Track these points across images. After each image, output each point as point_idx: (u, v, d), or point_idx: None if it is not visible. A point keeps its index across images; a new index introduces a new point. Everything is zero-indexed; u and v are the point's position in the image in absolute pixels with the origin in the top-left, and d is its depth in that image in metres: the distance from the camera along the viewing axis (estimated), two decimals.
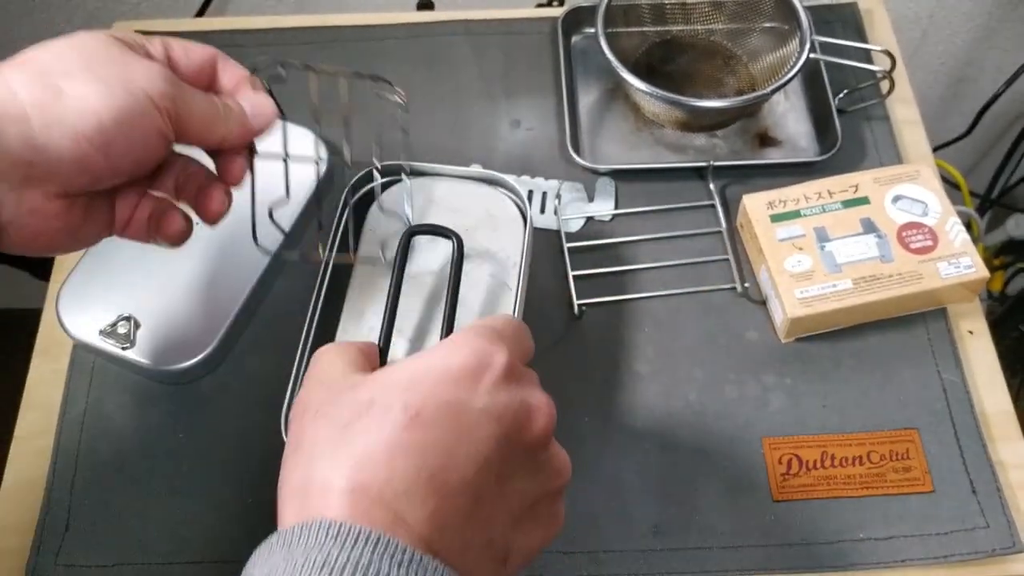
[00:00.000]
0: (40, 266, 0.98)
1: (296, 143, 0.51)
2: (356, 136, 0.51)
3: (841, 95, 0.68)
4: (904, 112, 0.69)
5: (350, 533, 0.30)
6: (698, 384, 0.58)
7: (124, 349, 0.55)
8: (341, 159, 0.53)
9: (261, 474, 0.55)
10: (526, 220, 0.55)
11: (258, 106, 0.46)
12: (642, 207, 0.65)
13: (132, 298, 0.57)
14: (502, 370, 0.35)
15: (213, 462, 0.55)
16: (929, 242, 0.58)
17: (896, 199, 0.60)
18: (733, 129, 0.69)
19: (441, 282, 0.52)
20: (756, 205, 0.61)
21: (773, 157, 0.67)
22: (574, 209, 0.65)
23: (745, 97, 0.64)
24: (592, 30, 0.67)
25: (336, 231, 0.55)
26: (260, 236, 0.50)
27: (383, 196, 0.55)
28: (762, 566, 0.52)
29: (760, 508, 0.54)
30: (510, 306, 0.52)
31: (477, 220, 0.55)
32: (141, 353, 0.56)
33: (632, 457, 0.55)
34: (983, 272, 0.58)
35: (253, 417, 0.57)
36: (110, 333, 0.56)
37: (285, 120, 0.48)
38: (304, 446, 0.34)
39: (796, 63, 0.64)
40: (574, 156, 0.66)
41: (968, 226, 1.00)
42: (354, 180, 0.56)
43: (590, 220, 0.64)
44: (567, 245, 0.62)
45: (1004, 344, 1.17)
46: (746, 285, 0.61)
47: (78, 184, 0.39)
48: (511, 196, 0.56)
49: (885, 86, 0.67)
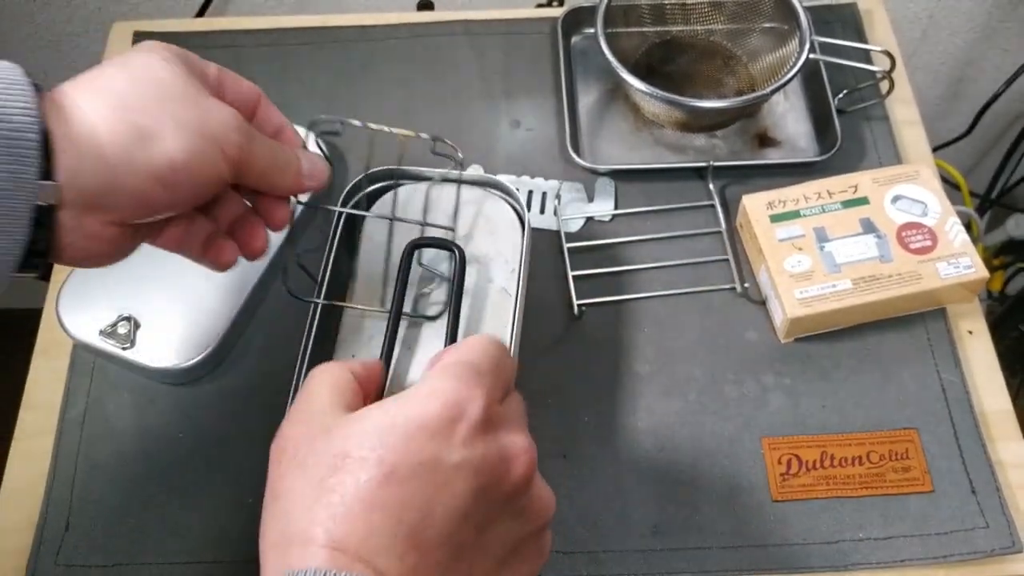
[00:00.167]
0: None
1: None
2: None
3: (841, 95, 0.68)
4: (904, 112, 0.69)
5: None
6: (698, 384, 0.58)
7: (124, 349, 0.55)
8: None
9: (261, 474, 0.54)
10: (524, 224, 0.55)
11: (315, 166, 0.46)
12: (642, 207, 0.65)
13: (132, 298, 0.57)
14: (477, 418, 0.35)
15: (213, 462, 0.55)
16: (928, 242, 0.58)
17: (896, 199, 0.60)
18: (733, 129, 0.69)
19: (442, 286, 0.52)
20: (756, 205, 0.61)
21: (773, 157, 0.67)
22: (574, 209, 0.65)
23: (745, 97, 0.64)
24: (592, 30, 0.67)
25: (333, 240, 0.55)
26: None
27: (425, 258, 0.54)
28: (762, 566, 0.52)
29: (760, 508, 0.54)
30: (509, 311, 0.52)
31: (475, 224, 0.55)
32: (141, 353, 0.56)
33: (632, 457, 0.55)
34: (983, 272, 0.58)
35: (253, 417, 0.57)
36: (110, 333, 0.56)
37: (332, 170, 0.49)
38: (281, 498, 0.34)
39: (796, 63, 0.64)
40: (574, 156, 0.66)
41: (968, 226, 1.01)
42: (348, 187, 0.56)
43: (590, 220, 0.64)
44: (567, 245, 0.62)
45: (1004, 344, 1.17)
46: (746, 285, 0.61)
47: (137, 215, 0.40)
48: (508, 200, 0.56)
49: (885, 86, 0.67)
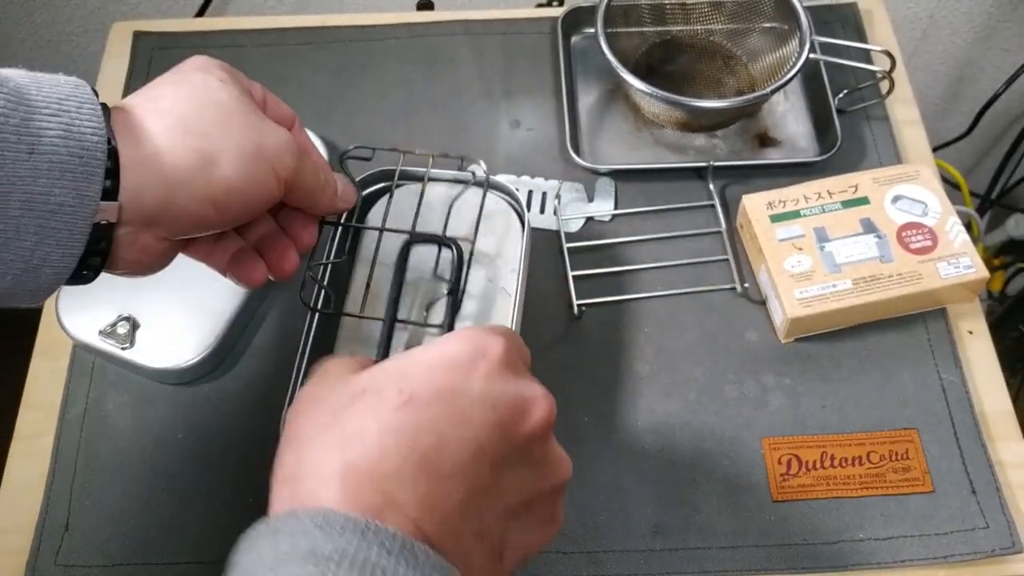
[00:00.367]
0: None
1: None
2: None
3: (841, 95, 0.68)
4: (904, 112, 0.69)
5: (337, 520, 0.30)
6: (698, 384, 0.58)
7: (124, 349, 0.55)
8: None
9: (261, 474, 0.55)
10: (524, 224, 0.55)
11: (347, 187, 0.48)
12: (642, 207, 0.65)
13: (131, 298, 0.57)
14: (499, 358, 0.35)
15: (213, 462, 0.55)
16: (929, 242, 0.58)
17: (896, 199, 0.60)
18: (733, 129, 0.69)
19: (439, 287, 0.52)
20: (756, 205, 0.61)
21: (773, 157, 0.67)
22: (574, 209, 0.65)
23: (745, 97, 0.64)
24: (592, 30, 0.67)
25: (332, 241, 0.55)
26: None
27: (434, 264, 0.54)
28: (762, 566, 0.52)
29: (760, 508, 0.54)
30: (508, 312, 0.52)
31: (474, 224, 0.55)
32: (141, 353, 0.56)
33: (632, 457, 0.55)
34: (983, 272, 0.58)
35: (252, 417, 0.57)
36: (110, 333, 0.56)
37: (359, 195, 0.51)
38: (297, 432, 0.35)
39: (796, 63, 0.64)
40: (574, 156, 0.66)
41: (968, 226, 1.00)
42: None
43: (590, 220, 0.64)
44: (567, 245, 0.62)
45: (1004, 344, 1.17)
46: (746, 285, 0.61)
47: (188, 233, 0.41)
48: (508, 200, 0.56)
49: (885, 86, 0.67)
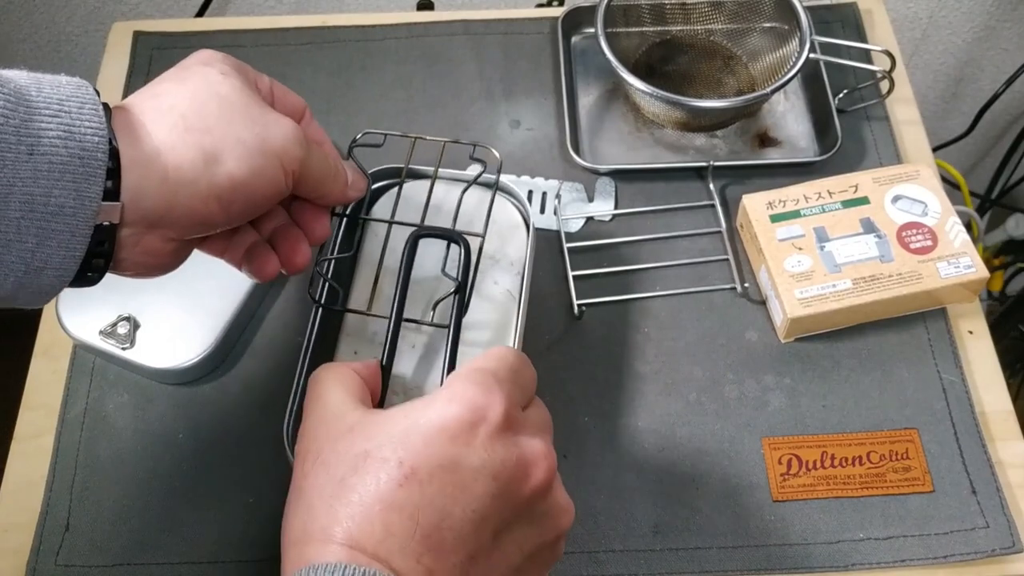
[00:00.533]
0: None
1: None
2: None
3: (841, 95, 0.68)
4: (904, 112, 0.69)
5: (352, 573, 0.31)
6: (698, 384, 0.58)
7: (124, 349, 0.55)
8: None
9: (262, 474, 0.55)
10: (528, 224, 0.55)
11: (357, 179, 0.48)
12: (642, 207, 0.65)
13: (132, 298, 0.57)
14: (498, 423, 0.35)
15: (213, 462, 0.55)
16: (929, 242, 0.58)
17: (896, 199, 0.60)
18: (733, 129, 0.69)
19: (446, 284, 0.51)
20: (756, 205, 0.61)
21: (773, 157, 0.67)
22: (574, 209, 0.65)
23: (745, 97, 0.64)
24: (592, 30, 0.67)
25: (336, 236, 0.55)
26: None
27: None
28: (762, 566, 0.52)
29: (760, 508, 0.54)
30: (512, 312, 0.51)
31: (482, 223, 0.55)
32: (141, 353, 0.56)
33: (632, 457, 0.55)
34: (983, 272, 0.58)
35: (253, 417, 0.57)
36: (110, 333, 0.56)
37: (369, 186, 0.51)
38: (304, 495, 0.35)
39: (796, 63, 0.64)
40: (574, 156, 0.66)
41: (968, 226, 1.00)
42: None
43: (590, 220, 0.64)
44: (567, 245, 0.62)
45: (1004, 344, 1.17)
46: (746, 285, 0.61)
47: (195, 232, 0.41)
48: (511, 199, 0.56)
49: (885, 86, 0.67)
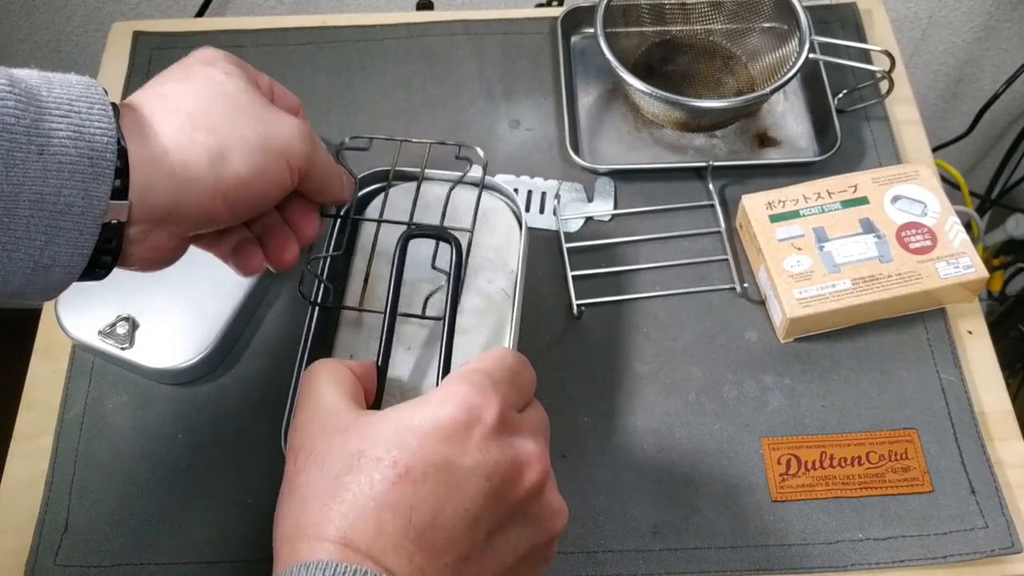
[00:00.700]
0: None
1: None
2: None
3: (840, 95, 0.68)
4: (903, 112, 0.69)
5: (343, 571, 0.31)
6: (697, 384, 0.58)
7: (123, 349, 0.56)
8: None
9: (261, 474, 0.55)
10: (521, 224, 0.55)
11: (347, 181, 0.49)
12: (641, 207, 0.65)
13: (131, 299, 0.57)
14: (492, 424, 0.35)
15: (213, 462, 0.55)
16: (928, 242, 0.58)
17: (895, 199, 0.60)
18: (732, 129, 0.69)
19: (438, 281, 0.51)
20: (755, 205, 0.61)
21: (772, 157, 0.67)
22: (573, 209, 0.65)
23: (744, 97, 0.64)
24: (592, 30, 0.67)
25: (331, 234, 0.55)
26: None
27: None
28: (761, 566, 0.52)
29: (759, 508, 0.54)
30: (507, 313, 0.51)
31: (470, 224, 0.55)
32: (140, 353, 0.56)
33: (631, 457, 0.55)
34: (982, 272, 0.58)
35: (252, 417, 0.57)
36: (109, 333, 0.56)
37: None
38: (297, 492, 0.35)
39: (795, 63, 0.64)
40: (573, 156, 0.66)
41: (968, 226, 1.01)
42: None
43: (589, 220, 0.64)
44: (566, 245, 0.62)
45: (1003, 344, 1.17)
46: (745, 285, 0.61)
47: (200, 228, 0.41)
48: (506, 200, 0.56)
49: (884, 86, 0.67)
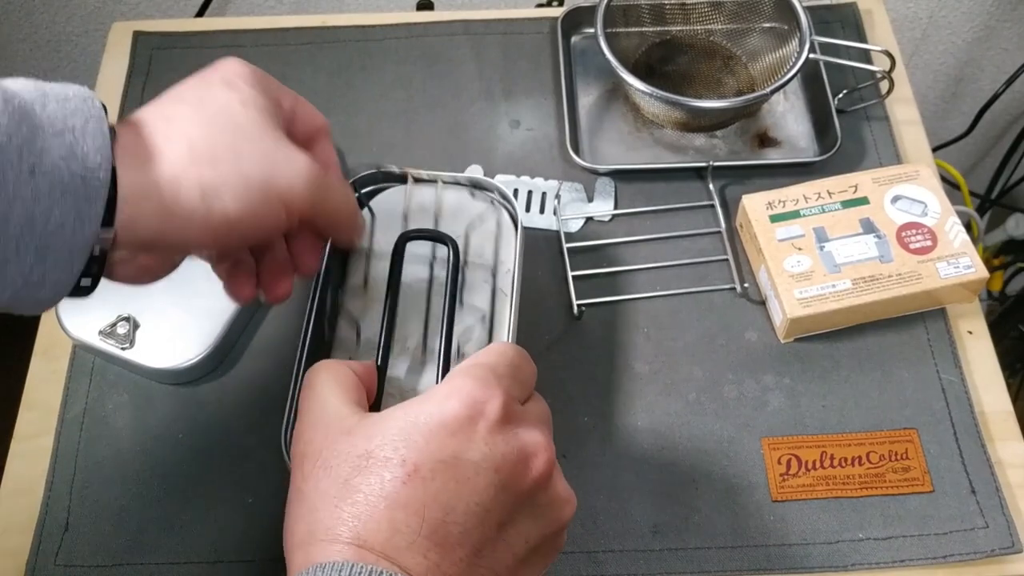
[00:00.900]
0: None
1: None
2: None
3: (840, 95, 0.68)
4: (904, 112, 0.69)
5: (360, 571, 0.31)
6: (697, 384, 0.58)
7: (123, 349, 0.56)
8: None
9: (261, 474, 0.55)
10: (516, 223, 0.55)
11: (362, 220, 0.48)
12: (641, 207, 0.65)
13: (131, 298, 0.57)
14: (497, 417, 0.35)
15: (213, 462, 0.55)
16: (928, 242, 0.58)
17: (895, 199, 0.60)
18: (733, 129, 0.69)
19: (436, 287, 0.51)
20: (755, 205, 0.61)
21: (772, 157, 0.67)
22: (573, 209, 0.65)
23: (745, 97, 0.64)
24: (592, 30, 0.67)
25: (325, 244, 0.54)
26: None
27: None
28: (761, 566, 0.52)
29: (759, 508, 0.54)
30: (506, 311, 0.51)
31: (467, 225, 0.55)
32: (140, 353, 0.56)
33: (631, 457, 0.55)
34: (982, 272, 0.58)
35: (252, 417, 0.57)
36: (109, 333, 0.56)
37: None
38: (306, 498, 0.35)
39: (795, 63, 0.64)
40: (574, 156, 0.66)
41: (968, 226, 1.00)
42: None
43: (589, 220, 0.64)
44: (566, 245, 0.62)
45: (1003, 344, 1.17)
46: (745, 285, 0.61)
47: (186, 255, 0.41)
48: (501, 200, 0.56)
49: (885, 86, 0.67)
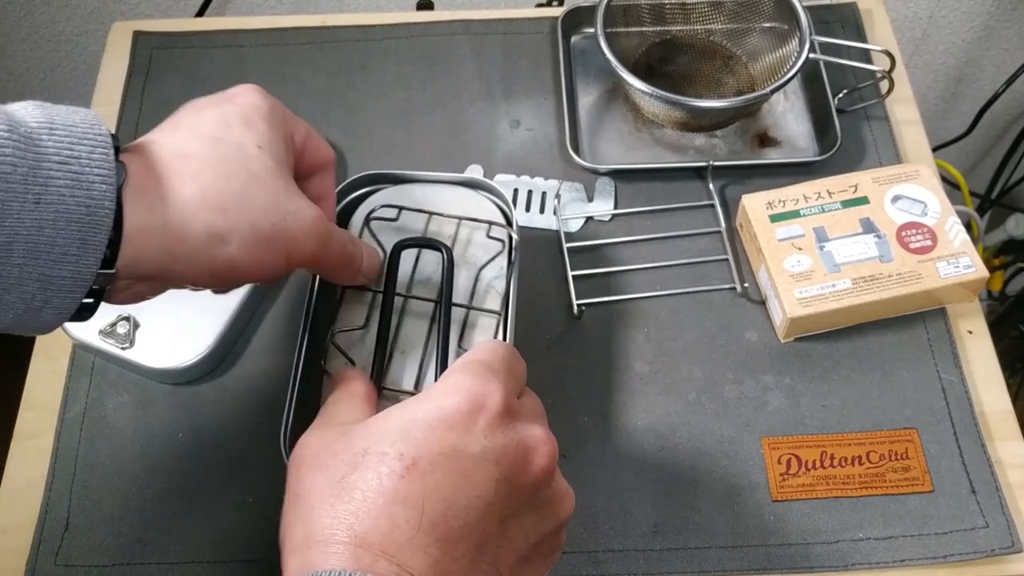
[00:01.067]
0: None
1: None
2: None
3: (841, 95, 0.68)
4: (904, 112, 0.69)
5: None
6: (697, 384, 0.58)
7: (123, 349, 0.56)
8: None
9: (261, 474, 0.55)
10: (511, 224, 0.55)
11: (372, 261, 0.47)
12: (641, 207, 0.65)
13: None
14: (497, 410, 0.35)
15: (213, 462, 0.55)
16: (928, 242, 0.58)
17: (895, 199, 0.60)
18: (733, 129, 0.69)
19: (432, 290, 0.51)
20: (755, 205, 0.61)
21: (772, 157, 0.67)
22: (573, 209, 0.65)
23: (745, 97, 0.64)
24: (592, 30, 0.67)
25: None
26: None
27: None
28: (761, 566, 0.52)
29: (759, 508, 0.54)
30: (501, 314, 0.51)
31: (464, 226, 0.55)
32: (140, 353, 0.56)
33: (631, 457, 0.55)
34: (982, 272, 0.58)
35: (252, 417, 0.57)
36: (109, 333, 0.56)
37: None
38: (302, 500, 0.34)
39: (796, 63, 0.64)
40: (574, 156, 0.66)
41: (968, 226, 1.01)
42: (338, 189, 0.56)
43: (589, 220, 0.64)
44: (566, 245, 0.62)
45: (1004, 344, 1.17)
46: (745, 285, 0.61)
47: (184, 287, 0.40)
48: (496, 200, 0.56)
49: (885, 86, 0.67)
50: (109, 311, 0.56)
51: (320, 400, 0.52)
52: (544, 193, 0.65)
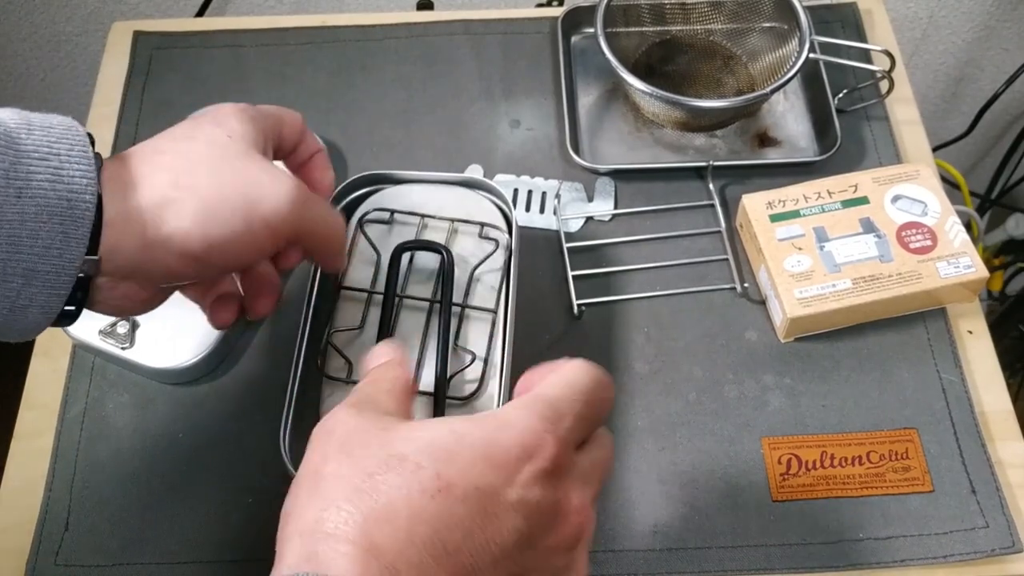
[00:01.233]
0: None
1: None
2: None
3: (840, 95, 0.68)
4: (904, 112, 0.69)
5: None
6: (697, 384, 0.58)
7: (123, 349, 0.56)
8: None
9: (261, 474, 0.55)
10: (511, 223, 0.55)
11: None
12: (641, 207, 0.65)
13: None
14: (545, 466, 0.33)
15: (213, 462, 0.55)
16: (928, 242, 0.58)
17: (895, 199, 0.60)
18: (732, 129, 0.69)
19: (427, 289, 0.51)
20: (755, 205, 0.61)
21: (772, 157, 0.67)
22: (574, 209, 0.65)
23: (745, 97, 0.64)
24: (592, 30, 0.67)
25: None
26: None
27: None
28: (762, 566, 0.52)
29: (760, 508, 0.54)
30: (502, 310, 0.51)
31: (463, 226, 0.55)
32: (140, 353, 0.56)
33: (632, 457, 0.55)
34: (982, 272, 0.58)
35: (252, 417, 0.57)
36: (109, 333, 0.56)
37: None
38: (323, 481, 0.32)
39: (795, 63, 0.64)
40: (574, 156, 0.66)
41: (968, 226, 1.00)
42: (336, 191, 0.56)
43: (589, 220, 0.64)
44: (566, 245, 0.62)
45: (1004, 344, 1.17)
46: (745, 285, 0.61)
47: (168, 283, 0.41)
48: (495, 200, 0.56)
49: (885, 86, 0.67)
50: None
51: (320, 400, 0.52)
52: (544, 193, 0.65)
